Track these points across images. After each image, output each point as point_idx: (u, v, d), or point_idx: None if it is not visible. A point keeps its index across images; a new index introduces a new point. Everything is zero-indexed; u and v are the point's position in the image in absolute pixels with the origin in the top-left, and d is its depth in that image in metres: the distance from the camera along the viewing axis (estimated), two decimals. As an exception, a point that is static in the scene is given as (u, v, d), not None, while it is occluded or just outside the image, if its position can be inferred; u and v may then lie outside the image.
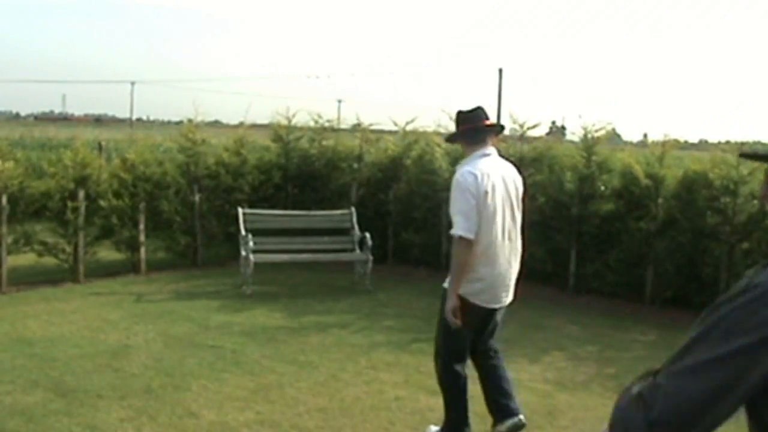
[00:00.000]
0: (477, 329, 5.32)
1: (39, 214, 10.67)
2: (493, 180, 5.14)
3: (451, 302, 5.05)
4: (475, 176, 5.07)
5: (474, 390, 5.41)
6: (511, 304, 5.44)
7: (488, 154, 5.29)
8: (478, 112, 5.36)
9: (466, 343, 5.31)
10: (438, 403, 6.22)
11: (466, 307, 5.10)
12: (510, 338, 8.34)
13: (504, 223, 5.22)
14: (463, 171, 5.17)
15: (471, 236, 4.99)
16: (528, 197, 11.15)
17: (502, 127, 5.76)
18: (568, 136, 12.66)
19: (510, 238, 5.30)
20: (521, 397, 6.38)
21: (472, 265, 5.06)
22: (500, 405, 5.41)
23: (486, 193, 5.06)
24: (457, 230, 5.02)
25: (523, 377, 6.97)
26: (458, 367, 5.32)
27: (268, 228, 10.93)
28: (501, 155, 5.49)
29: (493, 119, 5.54)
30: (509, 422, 5.35)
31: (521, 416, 5.38)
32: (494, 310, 5.33)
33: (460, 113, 5.43)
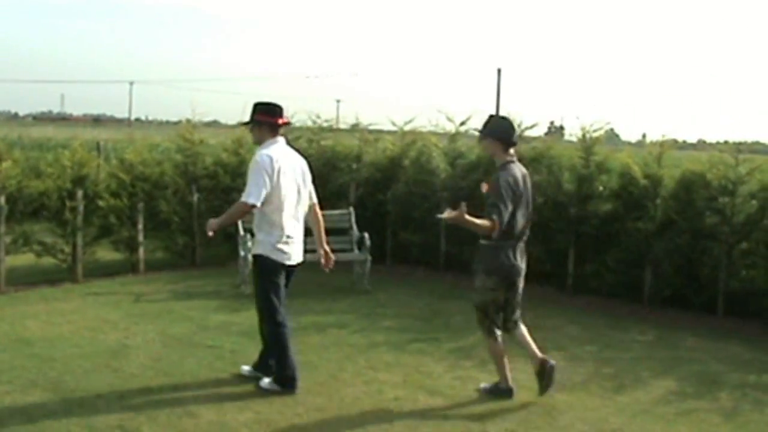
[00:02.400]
0: (277, 284, 6.43)
1: (37, 214, 10.66)
2: (284, 162, 6.32)
3: (214, 223, 6.39)
4: (271, 158, 6.23)
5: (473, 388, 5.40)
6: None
7: (279, 142, 6.46)
8: (276, 109, 6.47)
9: (281, 294, 6.43)
10: (437, 403, 6.24)
11: (272, 264, 6.32)
12: (508, 338, 8.36)
13: (293, 195, 6.40)
14: (262, 153, 6.28)
15: (258, 203, 6.17)
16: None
17: (289, 123, 6.91)
18: (567, 137, 12.66)
19: (298, 208, 6.52)
20: (520, 397, 6.41)
21: (274, 229, 6.30)
22: (267, 359, 6.51)
23: (280, 171, 6.22)
24: (249, 198, 6.16)
25: (522, 377, 6.97)
26: (278, 320, 6.37)
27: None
28: (289, 143, 6.70)
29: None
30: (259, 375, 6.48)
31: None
32: (289, 267, 6.53)
33: (259, 105, 6.49)
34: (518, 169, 6.56)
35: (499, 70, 48.88)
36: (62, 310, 8.89)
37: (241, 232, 10.32)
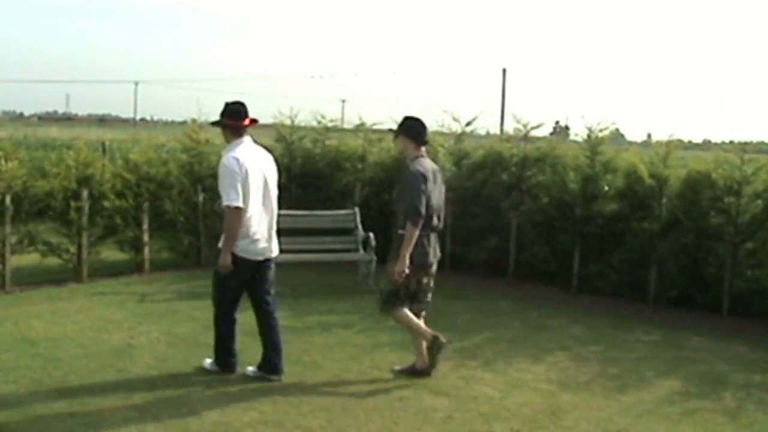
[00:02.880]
0: (249, 280, 6.73)
1: (42, 214, 10.67)
2: (250, 162, 6.47)
3: (224, 259, 6.49)
4: (237, 159, 6.39)
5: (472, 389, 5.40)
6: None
7: (245, 142, 6.62)
8: (242, 109, 6.63)
9: (239, 290, 6.76)
10: (442, 403, 6.24)
11: (238, 261, 6.49)
12: (514, 338, 8.36)
13: (260, 194, 6.57)
14: (229, 156, 6.45)
15: (242, 204, 6.34)
16: (531, 197, 11.25)
17: (256, 121, 6.82)
18: (572, 136, 12.64)
19: (267, 204, 6.70)
20: (525, 397, 6.41)
21: (245, 228, 6.45)
22: (268, 356, 6.75)
23: (246, 171, 6.39)
24: (231, 201, 6.32)
25: (527, 377, 6.98)
26: (228, 311, 6.81)
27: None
28: (256, 141, 6.82)
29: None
30: (262, 374, 6.72)
31: (281, 377, 6.67)
32: (262, 263, 6.73)
33: (225, 106, 6.67)
34: (429, 164, 7.13)
35: (504, 70, 48.71)
36: (67, 310, 8.90)
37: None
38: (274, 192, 6.85)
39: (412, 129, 7.16)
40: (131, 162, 11.52)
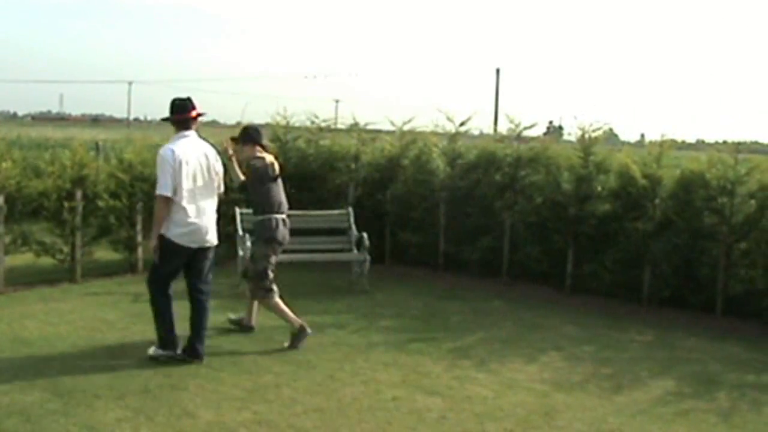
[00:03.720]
0: (186, 266, 7.10)
1: (36, 213, 10.63)
2: (187, 155, 6.91)
3: (153, 243, 6.90)
4: (173, 151, 6.86)
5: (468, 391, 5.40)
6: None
7: (188, 136, 7.10)
8: (188, 104, 7.18)
9: (173, 275, 7.09)
10: (436, 403, 6.25)
11: (173, 247, 6.88)
12: (507, 338, 8.37)
13: (199, 185, 6.98)
14: (166, 148, 6.94)
15: (169, 194, 6.78)
16: (525, 197, 11.26)
17: (202, 114, 7.37)
18: (566, 136, 12.67)
19: (204, 196, 7.05)
20: (519, 397, 6.42)
21: (177, 216, 6.84)
22: (191, 341, 7.11)
23: (181, 163, 6.82)
24: (160, 190, 6.79)
25: (521, 377, 6.99)
26: (163, 293, 7.07)
27: (266, 228, 10.91)
28: (201, 136, 7.36)
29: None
30: (184, 356, 7.08)
31: (202, 361, 7.06)
32: (197, 250, 7.06)
33: (174, 102, 7.20)
34: (268, 159, 8.00)
35: (498, 70, 48.84)
36: (61, 310, 8.89)
37: (240, 233, 10.32)
38: (213, 185, 7.23)
39: (253, 135, 8.07)
40: (125, 162, 11.49)
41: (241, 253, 10.17)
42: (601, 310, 9.92)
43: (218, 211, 7.39)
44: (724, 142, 10.81)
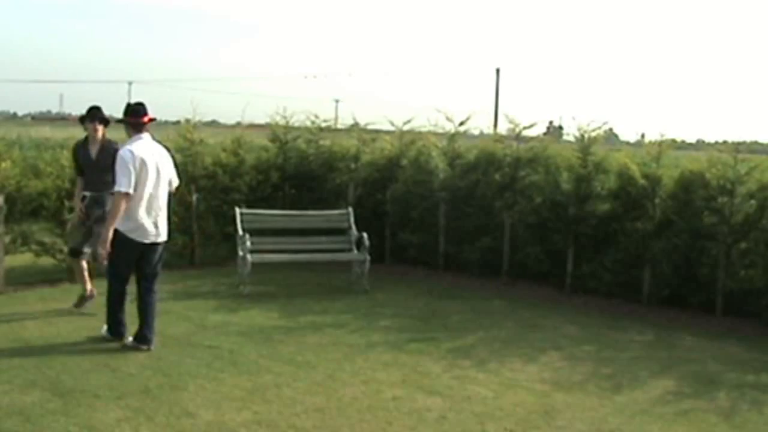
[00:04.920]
0: (138, 259, 7.55)
1: (36, 213, 10.64)
2: (144, 155, 7.33)
3: (107, 237, 7.24)
4: (132, 152, 7.27)
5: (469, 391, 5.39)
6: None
7: (143, 138, 7.50)
8: (141, 109, 7.57)
9: (129, 268, 7.60)
10: (436, 403, 6.25)
11: (127, 241, 7.35)
12: (507, 338, 8.37)
13: (152, 184, 7.39)
14: (125, 149, 7.35)
15: (130, 191, 7.19)
16: (524, 197, 11.27)
17: (154, 119, 7.73)
18: (565, 136, 12.67)
19: (157, 194, 7.48)
20: (519, 397, 6.42)
21: (133, 212, 7.29)
22: (141, 328, 7.61)
23: (140, 163, 7.26)
24: (121, 187, 7.17)
25: (521, 377, 6.99)
26: (119, 286, 7.64)
27: (266, 228, 10.92)
28: (155, 138, 7.75)
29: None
30: (135, 344, 7.55)
31: (151, 348, 7.52)
32: (149, 245, 7.52)
33: (129, 106, 7.63)
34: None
35: (497, 70, 48.89)
36: (61, 310, 8.88)
37: (240, 233, 10.32)
38: (165, 183, 7.65)
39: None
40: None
41: (241, 253, 10.18)
42: (601, 310, 9.92)
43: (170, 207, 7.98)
44: (724, 142, 10.79)
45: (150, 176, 7.38)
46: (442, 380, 6.82)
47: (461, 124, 12.29)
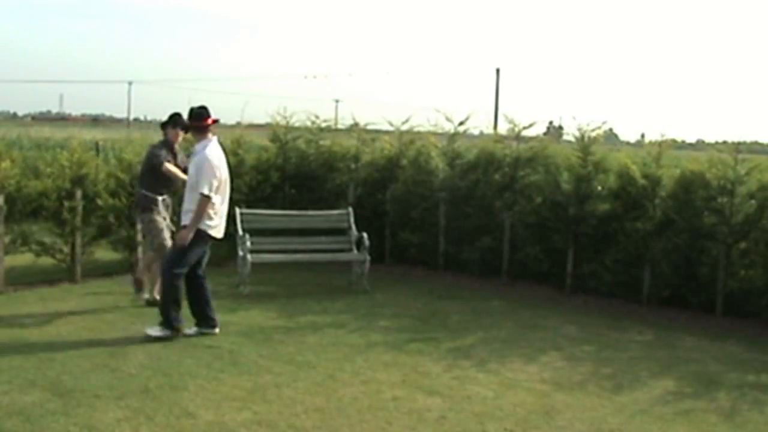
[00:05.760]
0: (202, 253, 8.00)
1: (36, 213, 10.63)
2: (220, 157, 7.94)
3: (188, 235, 7.71)
4: (211, 155, 7.76)
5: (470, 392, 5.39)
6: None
7: (212, 140, 7.96)
8: (204, 113, 7.97)
9: (193, 261, 7.91)
10: (436, 403, 6.25)
11: (204, 236, 7.83)
12: (507, 338, 8.38)
13: (225, 183, 7.97)
14: (204, 153, 7.78)
15: (212, 194, 7.71)
16: (524, 197, 11.26)
17: (217, 120, 8.15)
18: (565, 136, 12.65)
19: (226, 192, 8.04)
20: (519, 397, 6.42)
21: (212, 210, 7.78)
22: (207, 315, 8.06)
23: (219, 165, 7.79)
24: (206, 191, 7.66)
25: (521, 377, 6.99)
26: (179, 281, 7.86)
27: (266, 228, 10.92)
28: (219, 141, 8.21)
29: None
30: (206, 329, 8.03)
31: (217, 330, 8.07)
32: (215, 239, 8.00)
33: (192, 111, 8.00)
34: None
35: (498, 70, 48.88)
36: (61, 310, 8.88)
37: (240, 233, 10.32)
38: (228, 184, 8.15)
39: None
40: (125, 161, 11.49)
41: (241, 253, 10.18)
42: (601, 310, 9.92)
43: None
44: (724, 142, 10.80)
45: (224, 176, 7.94)
46: (442, 380, 6.82)
47: (461, 124, 12.29)
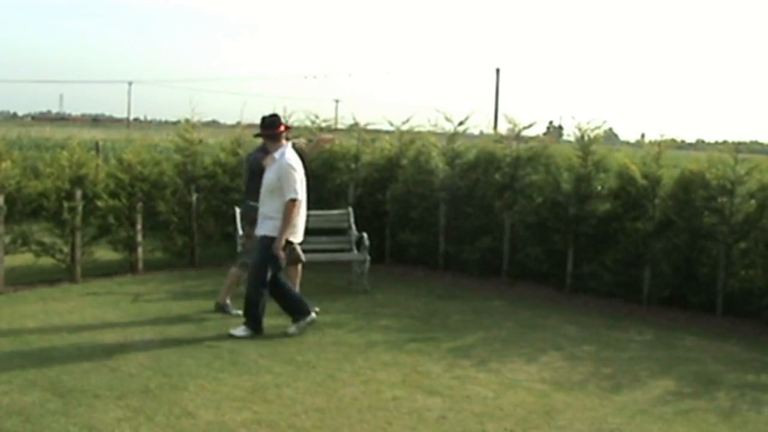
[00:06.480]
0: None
1: (36, 214, 10.65)
2: (298, 163, 8.18)
3: (281, 243, 7.95)
4: (292, 161, 8.04)
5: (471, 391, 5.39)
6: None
7: (288, 146, 8.23)
8: (275, 120, 8.24)
9: (278, 267, 8.12)
10: (436, 403, 6.25)
11: (287, 243, 8.06)
12: (507, 338, 8.37)
13: (304, 187, 8.20)
14: (284, 159, 8.04)
15: (299, 197, 8.01)
16: (524, 197, 11.26)
17: (289, 127, 8.64)
18: (565, 136, 12.66)
19: (304, 197, 8.23)
20: (519, 397, 6.42)
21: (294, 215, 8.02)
22: (301, 304, 8.28)
23: (299, 169, 8.07)
24: (294, 195, 7.95)
25: (521, 377, 6.98)
26: (264, 285, 8.04)
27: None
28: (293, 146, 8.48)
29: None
30: (304, 322, 8.25)
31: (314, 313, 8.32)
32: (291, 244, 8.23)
33: (265, 120, 8.25)
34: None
35: (497, 70, 48.97)
36: (60, 310, 8.89)
37: (240, 233, 10.31)
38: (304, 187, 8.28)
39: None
40: (125, 162, 11.50)
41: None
42: (601, 309, 9.92)
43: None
44: (724, 142, 10.79)
45: (303, 180, 8.20)
46: (442, 380, 6.82)
47: (461, 123, 12.29)
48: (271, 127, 8.21)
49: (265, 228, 8.09)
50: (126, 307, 9.14)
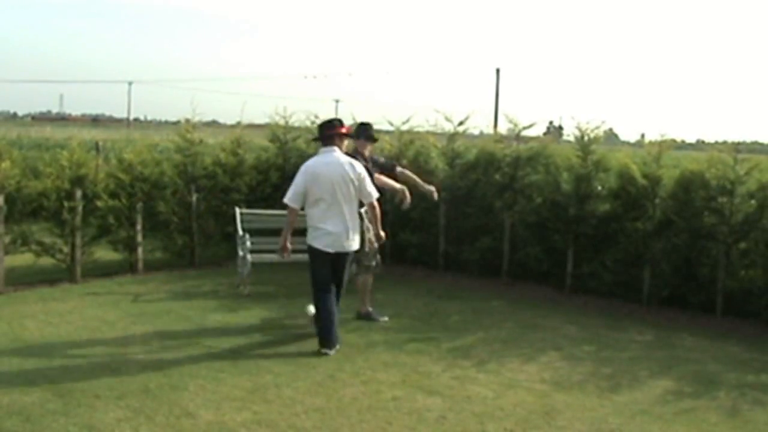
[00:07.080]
0: (328, 267, 7.77)
1: (36, 214, 10.65)
2: (318, 167, 7.70)
3: (283, 242, 7.89)
4: (307, 165, 7.78)
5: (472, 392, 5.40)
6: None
7: (327, 152, 7.82)
8: (325, 124, 7.99)
9: (325, 276, 7.80)
10: (436, 403, 6.25)
11: (316, 251, 7.71)
12: (507, 338, 8.37)
13: (336, 196, 7.63)
14: (307, 162, 7.86)
15: (289, 202, 7.70)
16: (524, 197, 11.25)
17: (345, 133, 8.09)
18: (565, 136, 12.66)
19: (342, 205, 7.67)
20: (519, 397, 6.42)
21: (313, 224, 7.70)
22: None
23: (311, 175, 7.64)
24: (286, 199, 7.71)
25: (520, 377, 6.98)
26: (321, 294, 7.78)
27: (266, 228, 10.89)
28: (349, 153, 8.21)
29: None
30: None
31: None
32: (338, 255, 7.75)
33: (319, 125, 8.13)
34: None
35: (498, 70, 48.95)
36: (61, 310, 8.89)
37: (240, 233, 10.32)
38: (347, 196, 7.75)
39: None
40: (125, 162, 11.49)
41: (241, 253, 10.17)
42: (601, 310, 9.92)
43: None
44: (724, 142, 10.79)
45: (326, 188, 7.69)
46: (442, 380, 6.82)
47: (460, 123, 12.29)
48: (320, 130, 8.10)
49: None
50: (126, 307, 9.14)
